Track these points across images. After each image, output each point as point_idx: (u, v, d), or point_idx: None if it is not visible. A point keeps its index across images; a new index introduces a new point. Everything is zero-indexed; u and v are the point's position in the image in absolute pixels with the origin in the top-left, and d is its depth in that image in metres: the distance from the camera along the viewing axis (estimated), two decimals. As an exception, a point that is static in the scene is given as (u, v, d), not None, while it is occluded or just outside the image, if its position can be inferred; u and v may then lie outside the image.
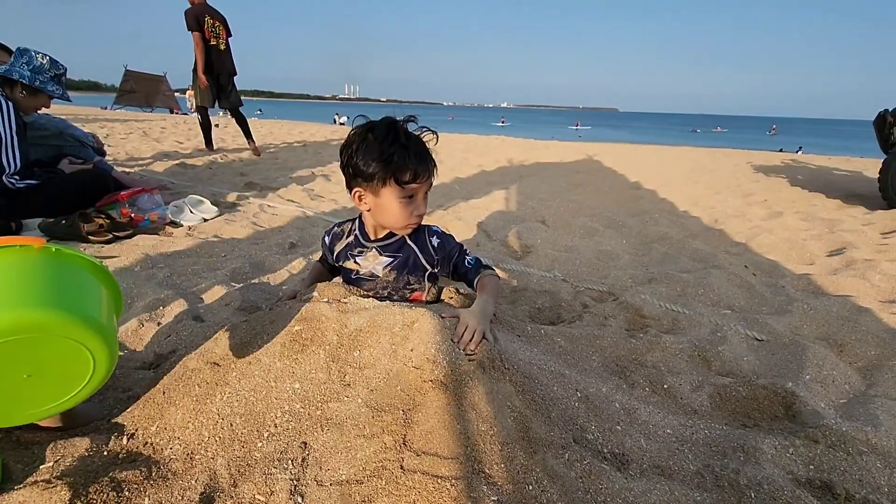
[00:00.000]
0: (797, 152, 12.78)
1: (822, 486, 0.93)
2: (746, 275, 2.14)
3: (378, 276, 1.24)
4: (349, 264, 1.27)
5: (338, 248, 1.30)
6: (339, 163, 1.16)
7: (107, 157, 3.48)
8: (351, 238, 1.27)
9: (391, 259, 1.23)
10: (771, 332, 1.58)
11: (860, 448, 0.99)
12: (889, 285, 2.02)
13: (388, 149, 1.07)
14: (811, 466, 0.97)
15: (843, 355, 1.47)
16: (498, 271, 2.11)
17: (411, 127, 1.16)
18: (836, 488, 0.92)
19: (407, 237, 1.24)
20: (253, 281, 1.91)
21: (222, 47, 5.05)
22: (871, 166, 7.38)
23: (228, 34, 5.12)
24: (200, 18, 4.85)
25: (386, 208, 1.14)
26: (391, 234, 1.23)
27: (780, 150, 12.98)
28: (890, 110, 4.12)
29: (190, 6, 4.90)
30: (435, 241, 1.26)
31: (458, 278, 1.33)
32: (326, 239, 1.34)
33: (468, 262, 1.29)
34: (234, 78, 5.30)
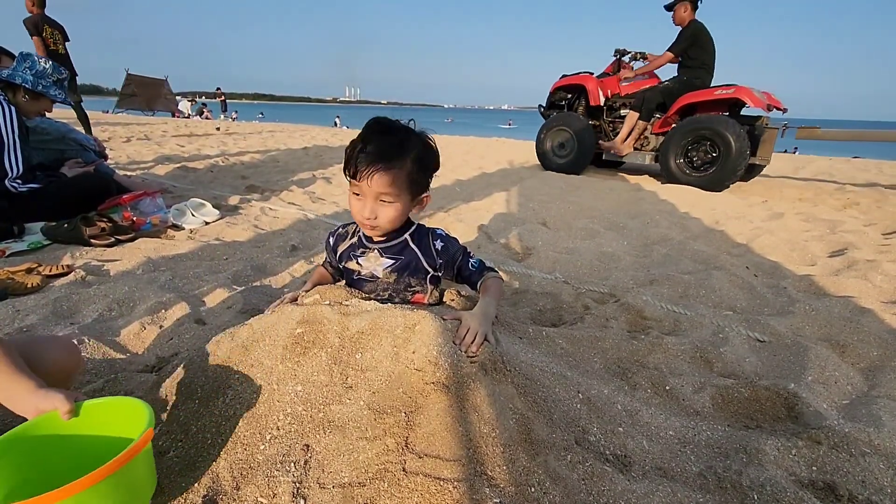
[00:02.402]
0: (793, 152, 12.76)
1: (824, 488, 0.93)
2: (748, 276, 2.14)
3: (378, 278, 1.25)
4: (351, 265, 1.27)
5: (341, 248, 1.30)
6: None
7: (108, 161, 3.49)
8: (354, 239, 1.28)
9: (392, 261, 1.23)
10: (773, 334, 1.58)
11: (863, 449, 0.99)
12: (891, 286, 2.01)
13: (354, 140, 1.12)
14: (814, 468, 0.97)
15: (845, 356, 1.47)
16: (499, 273, 2.12)
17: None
18: (839, 489, 0.91)
19: (410, 239, 1.24)
20: (255, 284, 1.91)
21: (62, 51, 5.64)
22: (871, 167, 7.38)
23: (66, 40, 5.73)
24: (39, 26, 5.37)
25: (349, 199, 1.17)
26: (394, 236, 1.23)
27: (786, 151, 12.97)
28: (542, 105, 5.99)
29: (29, 15, 5.37)
30: (438, 244, 1.26)
31: (461, 281, 1.33)
32: (331, 240, 1.34)
33: (472, 264, 1.29)
34: (76, 78, 6.02)
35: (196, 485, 0.82)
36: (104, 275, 1.94)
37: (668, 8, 4.82)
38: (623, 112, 5.32)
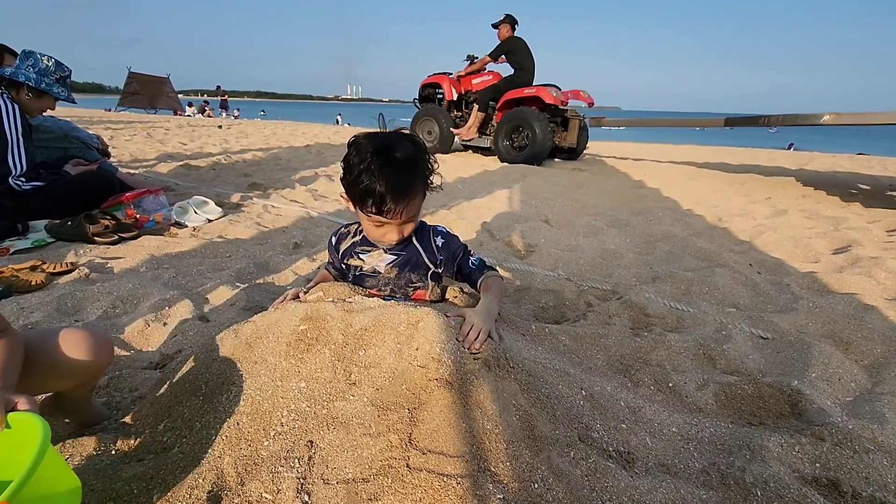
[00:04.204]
0: (788, 148, 12.70)
1: (828, 484, 0.93)
2: (751, 273, 2.14)
3: (380, 273, 1.26)
4: (353, 261, 1.28)
5: (343, 245, 1.31)
6: None
7: (111, 159, 3.50)
8: (357, 237, 1.29)
9: (394, 257, 1.24)
10: (776, 331, 1.57)
11: (866, 446, 0.99)
12: (895, 283, 2.01)
13: (360, 177, 1.06)
14: (817, 464, 0.97)
15: (848, 353, 1.46)
16: (502, 271, 2.11)
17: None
18: (843, 486, 0.91)
19: (413, 236, 1.25)
20: (258, 281, 1.92)
21: None
22: (875, 164, 7.34)
23: None
24: None
25: (362, 220, 1.19)
26: None
27: (789, 147, 12.92)
28: (416, 98, 7.21)
29: None
30: (439, 241, 1.27)
31: (461, 279, 1.34)
32: (333, 239, 1.35)
33: (472, 262, 1.30)
34: None
35: (201, 481, 0.83)
36: (108, 272, 1.94)
37: (495, 26, 6.12)
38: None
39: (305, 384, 0.94)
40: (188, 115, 17.15)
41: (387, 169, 1.05)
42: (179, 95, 20.36)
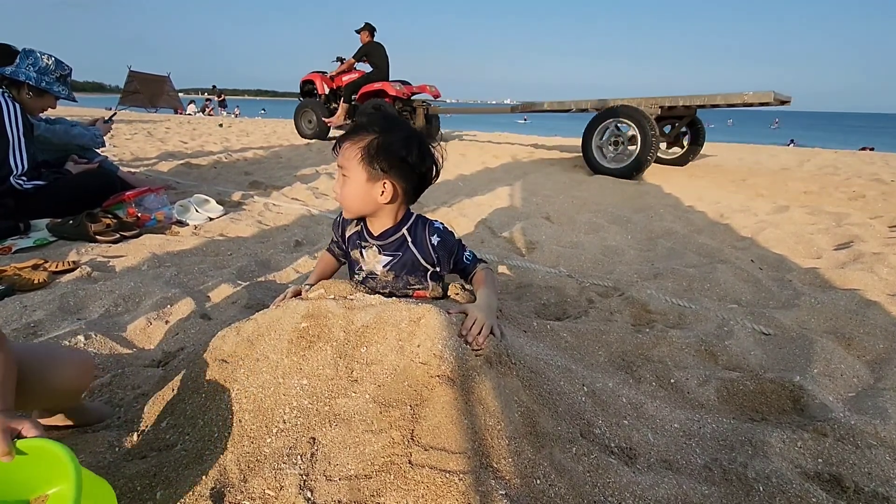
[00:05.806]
0: (788, 145, 12.68)
1: (830, 480, 0.93)
2: (753, 269, 2.13)
3: (377, 276, 1.25)
4: (355, 254, 1.28)
5: (348, 231, 1.30)
6: None
7: (112, 158, 3.49)
8: (358, 228, 1.28)
9: (390, 258, 1.23)
10: (778, 327, 1.57)
11: (869, 441, 0.99)
12: (897, 279, 2.00)
13: None
14: (820, 460, 0.97)
15: (850, 349, 1.46)
16: (503, 268, 2.12)
17: None
18: (845, 481, 0.91)
19: (407, 235, 1.23)
20: (259, 279, 1.92)
21: None
22: (877, 159, 7.32)
23: None
24: None
25: None
26: (390, 232, 1.22)
27: (790, 143, 12.91)
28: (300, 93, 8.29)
29: None
30: (435, 240, 1.23)
31: (454, 272, 1.34)
32: (339, 219, 1.33)
33: (466, 257, 1.32)
34: None
35: (204, 477, 0.83)
36: (110, 271, 1.95)
37: (357, 31, 7.13)
38: None
39: (307, 381, 0.94)
40: (189, 115, 17.18)
41: (360, 117, 1.15)
42: (180, 94, 20.36)
